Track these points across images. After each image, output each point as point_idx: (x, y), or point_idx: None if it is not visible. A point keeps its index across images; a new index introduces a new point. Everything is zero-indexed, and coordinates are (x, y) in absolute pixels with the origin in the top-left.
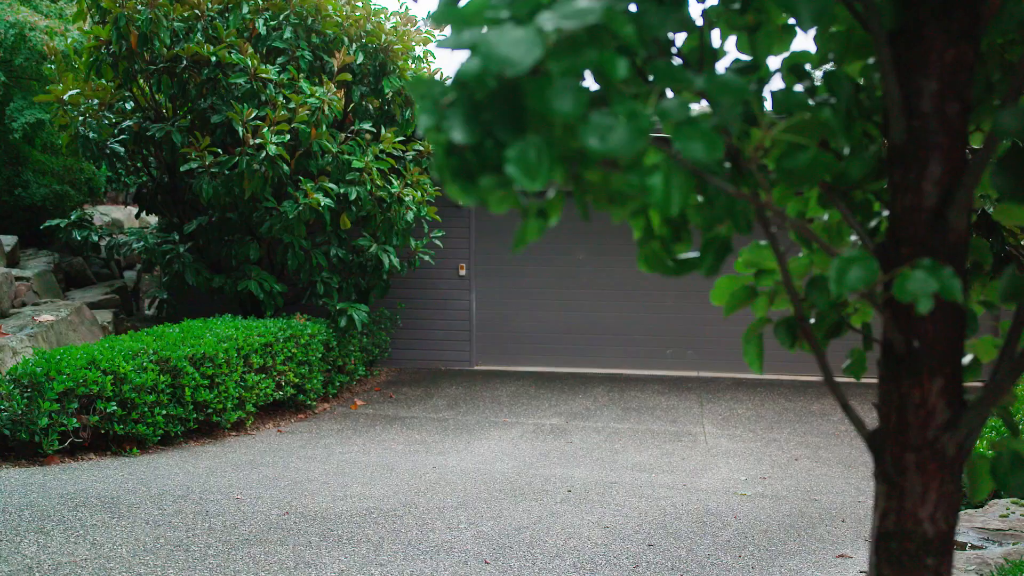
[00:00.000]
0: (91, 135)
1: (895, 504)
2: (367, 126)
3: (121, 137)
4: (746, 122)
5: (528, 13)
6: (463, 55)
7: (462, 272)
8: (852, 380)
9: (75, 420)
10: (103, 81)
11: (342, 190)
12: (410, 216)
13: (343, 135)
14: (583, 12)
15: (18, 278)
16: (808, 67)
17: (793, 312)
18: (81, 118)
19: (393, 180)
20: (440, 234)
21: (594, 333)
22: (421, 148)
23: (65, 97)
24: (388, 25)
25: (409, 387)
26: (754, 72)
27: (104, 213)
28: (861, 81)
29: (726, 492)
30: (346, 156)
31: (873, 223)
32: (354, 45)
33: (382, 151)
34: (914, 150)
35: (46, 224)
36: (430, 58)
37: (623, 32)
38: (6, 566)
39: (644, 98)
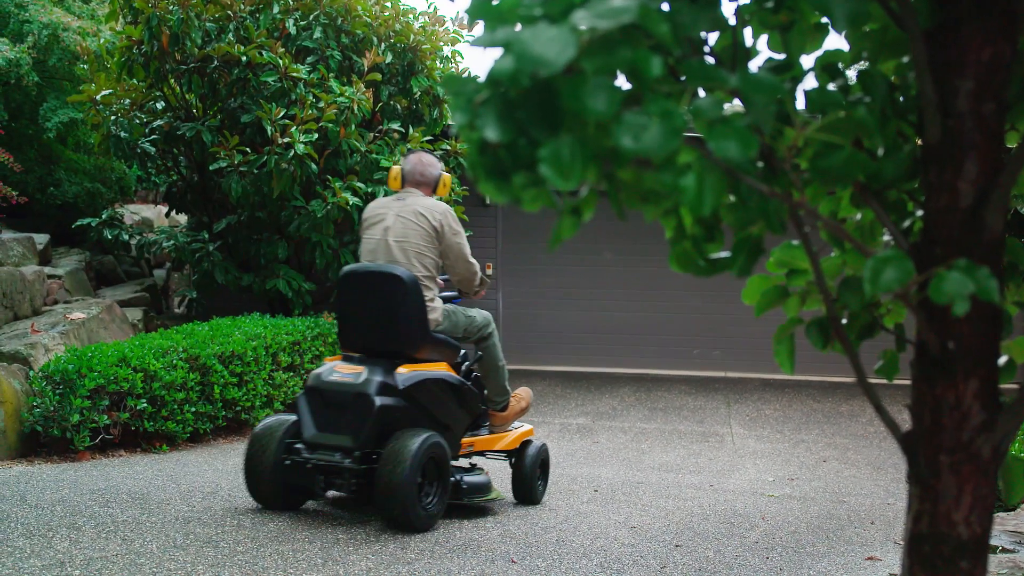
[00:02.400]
0: (123, 134)
1: (929, 506)
2: (395, 126)
3: (152, 137)
4: (779, 121)
5: (562, 12)
6: (492, 55)
7: (489, 271)
8: (883, 381)
9: (106, 417)
10: (135, 81)
11: (370, 189)
12: None
13: (371, 134)
14: (618, 11)
15: (50, 276)
16: (841, 66)
17: (825, 312)
18: (113, 118)
19: None
20: (468, 234)
21: (621, 333)
22: (448, 148)
23: (97, 97)
24: (417, 25)
25: None
26: (787, 71)
27: (135, 212)
28: (895, 79)
29: (754, 493)
30: (374, 155)
31: (907, 223)
32: (383, 45)
33: (410, 151)
34: (949, 150)
35: (78, 223)
36: (458, 58)
37: (657, 31)
38: (39, 560)
39: (677, 97)
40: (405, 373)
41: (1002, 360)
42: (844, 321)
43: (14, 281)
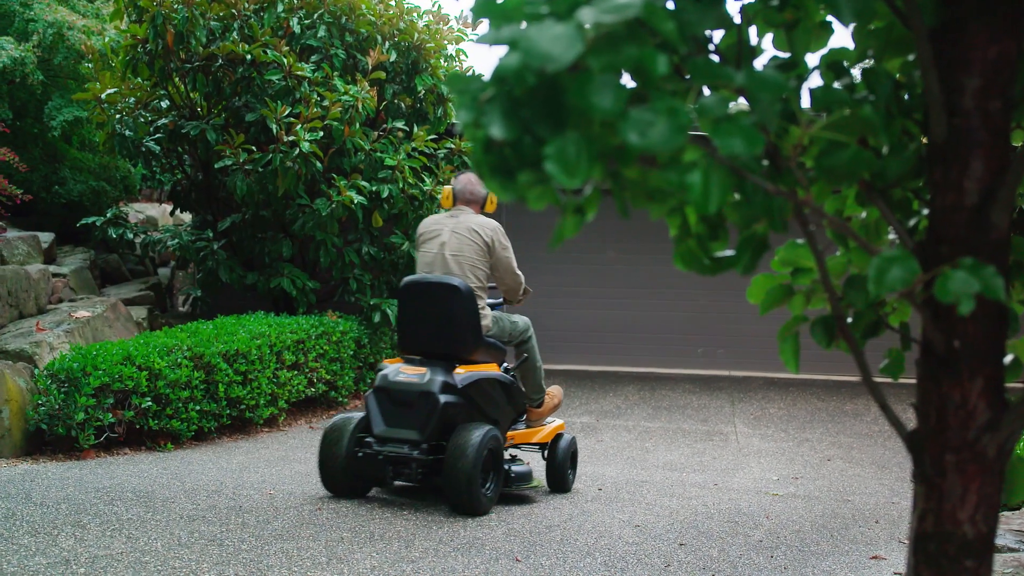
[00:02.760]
0: (127, 133)
1: (934, 505)
2: (400, 124)
3: (157, 135)
4: (785, 119)
5: (567, 9)
6: (496, 54)
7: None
8: (888, 380)
9: (111, 415)
10: (139, 79)
11: (374, 188)
12: None
13: (376, 133)
14: (623, 7)
15: (55, 274)
16: (846, 64)
17: (830, 311)
18: (118, 116)
19: (425, 178)
20: None
21: (625, 332)
22: (452, 146)
23: (102, 96)
24: (421, 23)
25: None
26: (792, 69)
27: (139, 211)
28: (901, 78)
29: (758, 492)
30: (379, 154)
31: (912, 222)
32: (387, 43)
33: (414, 149)
34: (955, 148)
35: (82, 221)
36: (462, 56)
37: (663, 28)
38: (44, 558)
39: (683, 95)
40: (463, 373)
41: (1008, 359)
42: (849, 320)
43: (19, 279)
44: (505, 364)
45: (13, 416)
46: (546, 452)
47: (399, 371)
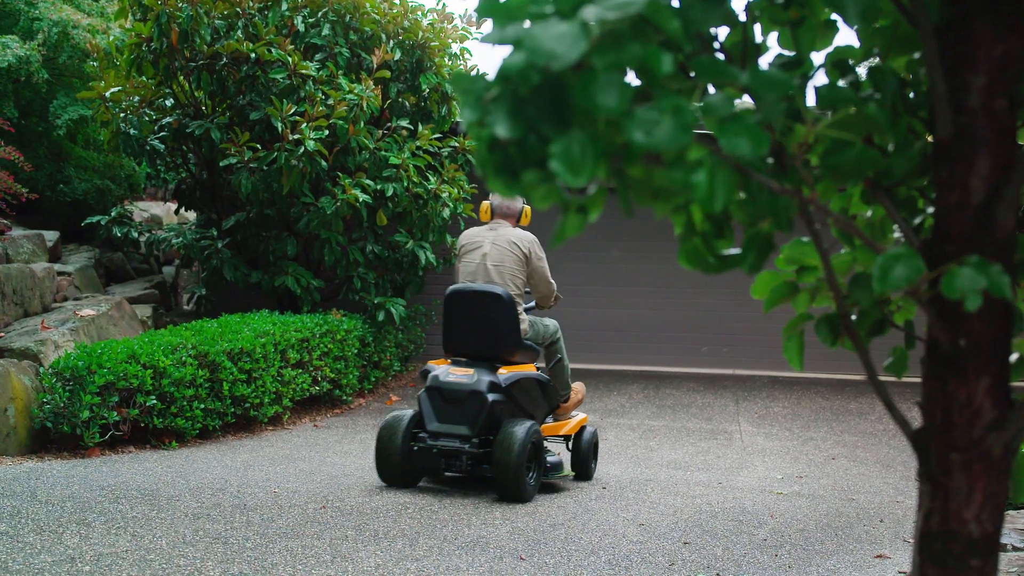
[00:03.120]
0: (132, 132)
1: (939, 504)
2: (404, 123)
3: (161, 134)
4: (790, 118)
5: (572, 8)
6: (501, 53)
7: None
8: (892, 379)
9: (115, 413)
10: (144, 78)
11: (379, 186)
12: (446, 213)
13: (380, 131)
14: (626, 4)
15: (60, 273)
16: (852, 62)
17: (835, 309)
18: (123, 115)
19: (430, 176)
20: None
21: (629, 330)
22: (457, 144)
23: (107, 94)
24: (425, 22)
25: None
26: (798, 67)
27: (143, 209)
28: (906, 76)
29: (762, 491)
30: (383, 152)
31: (917, 220)
32: (391, 42)
33: (419, 148)
34: (961, 146)
35: (87, 220)
36: (466, 55)
37: (668, 26)
38: (49, 556)
39: (687, 93)
40: (506, 373)
41: (1013, 357)
42: (854, 318)
43: (24, 278)
44: (538, 364)
45: (18, 414)
46: (571, 443)
47: (449, 372)
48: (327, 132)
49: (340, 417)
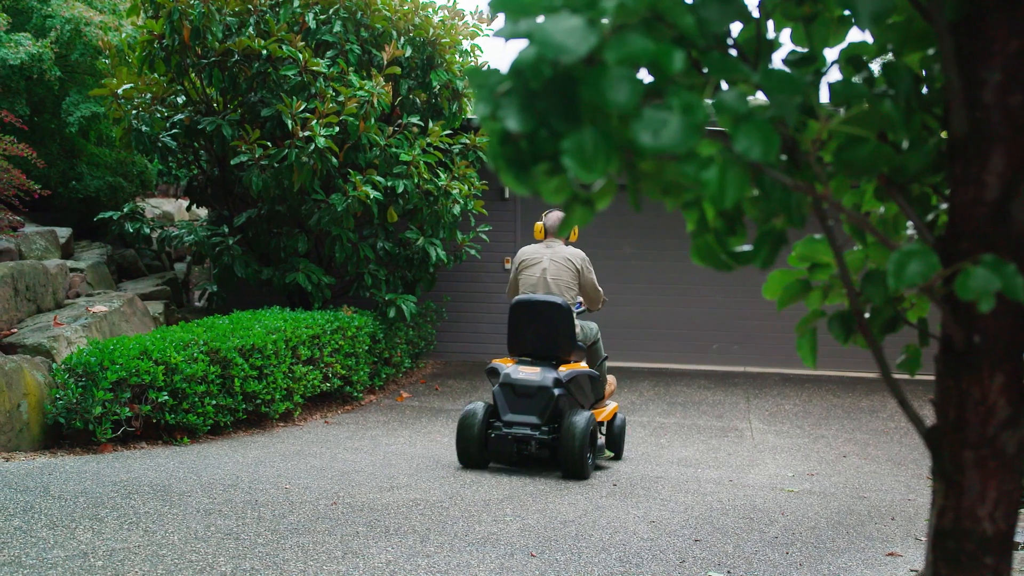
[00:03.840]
0: (144, 128)
1: (953, 502)
2: (415, 119)
3: (173, 131)
4: (803, 114)
5: (584, 2)
6: (511, 51)
7: (507, 266)
8: (905, 376)
9: (128, 409)
10: (156, 75)
11: (389, 183)
12: (457, 210)
13: (391, 128)
14: None
15: (72, 269)
16: (866, 58)
17: (848, 306)
18: (134, 112)
19: (440, 173)
20: (487, 228)
21: (640, 327)
22: (467, 141)
23: (119, 91)
24: (436, 19)
25: (454, 380)
26: (811, 63)
27: (155, 206)
28: (920, 72)
29: (773, 488)
30: (394, 149)
31: (931, 217)
32: (402, 39)
33: (429, 144)
34: (976, 142)
35: (99, 217)
36: (477, 52)
37: (681, 22)
38: (62, 551)
39: (699, 90)
40: (565, 371)
41: None
42: (867, 315)
43: (37, 274)
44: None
45: (31, 410)
46: (604, 428)
47: (518, 370)
48: (338, 129)
49: (351, 414)
